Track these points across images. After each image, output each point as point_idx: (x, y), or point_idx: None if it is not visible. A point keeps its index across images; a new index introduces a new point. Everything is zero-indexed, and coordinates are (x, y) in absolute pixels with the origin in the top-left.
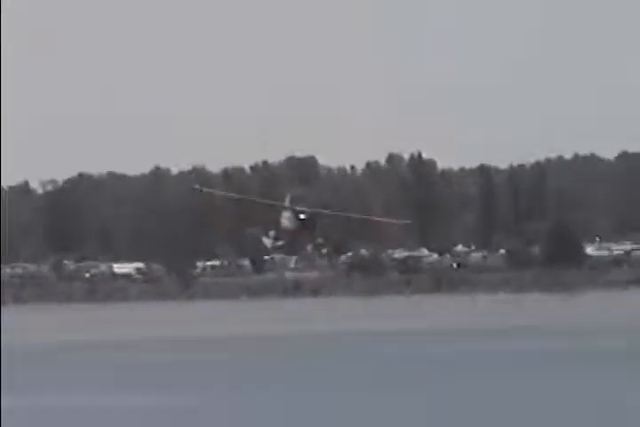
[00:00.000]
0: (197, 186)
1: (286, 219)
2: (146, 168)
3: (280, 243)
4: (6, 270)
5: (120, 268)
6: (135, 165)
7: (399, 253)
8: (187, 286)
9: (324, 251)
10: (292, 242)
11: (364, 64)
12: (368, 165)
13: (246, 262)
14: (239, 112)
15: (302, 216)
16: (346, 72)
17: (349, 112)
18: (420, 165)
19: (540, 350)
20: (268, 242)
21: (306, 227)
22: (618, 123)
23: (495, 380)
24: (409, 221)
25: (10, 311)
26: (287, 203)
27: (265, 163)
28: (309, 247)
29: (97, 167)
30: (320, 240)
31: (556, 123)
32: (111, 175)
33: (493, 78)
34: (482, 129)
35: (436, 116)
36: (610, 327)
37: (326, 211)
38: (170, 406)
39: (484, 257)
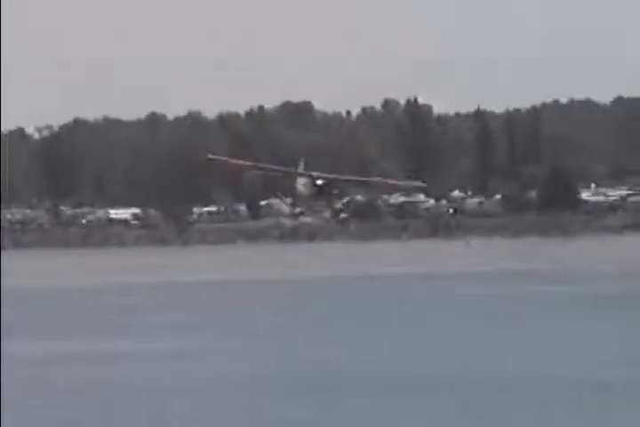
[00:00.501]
0: (210, 155)
1: (302, 185)
2: (142, 113)
3: (299, 210)
4: (6, 216)
5: (116, 213)
6: (131, 111)
7: (395, 199)
8: (183, 232)
9: (343, 216)
10: (310, 208)
11: (359, 9)
12: (364, 110)
13: (243, 208)
14: (235, 56)
15: (319, 182)
16: (339, 18)
17: (344, 57)
18: (415, 110)
19: (537, 293)
20: (286, 209)
21: (322, 193)
22: (613, 67)
23: (494, 323)
24: (423, 184)
25: (10, 256)
26: (301, 169)
27: (260, 108)
28: (328, 213)
29: (93, 113)
30: (339, 206)
31: (551, 67)
32: (107, 120)
33: (490, 22)
34: (478, 74)
35: (432, 61)
36: (606, 272)
37: (342, 177)
38: (167, 351)
39: (481, 202)
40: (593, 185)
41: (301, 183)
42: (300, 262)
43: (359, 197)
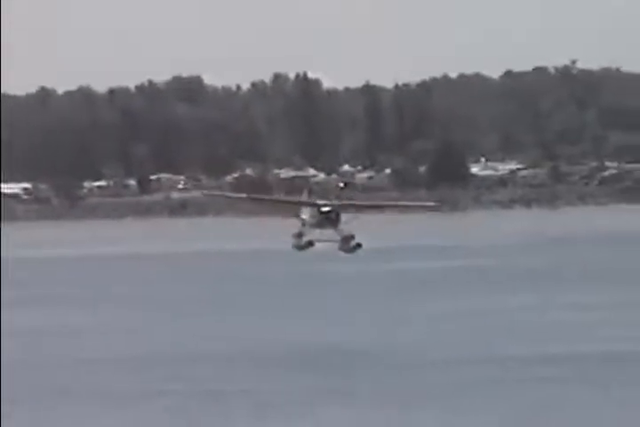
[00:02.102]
0: (205, 191)
1: (307, 215)
2: (31, 88)
3: (305, 241)
4: None
5: (7, 188)
6: (20, 85)
7: (286, 173)
8: (73, 207)
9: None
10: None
11: None
12: (254, 84)
13: (133, 183)
14: (125, 27)
15: (325, 209)
16: None
17: (234, 30)
18: (305, 84)
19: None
20: (294, 242)
21: (329, 219)
22: (502, 42)
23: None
24: (438, 204)
25: None
26: (305, 197)
27: (150, 82)
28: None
29: None
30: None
31: (440, 42)
32: None
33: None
34: (367, 48)
35: (322, 36)
36: (494, 245)
37: (350, 202)
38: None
39: (371, 177)
40: (483, 159)
41: (306, 213)
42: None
43: (249, 171)
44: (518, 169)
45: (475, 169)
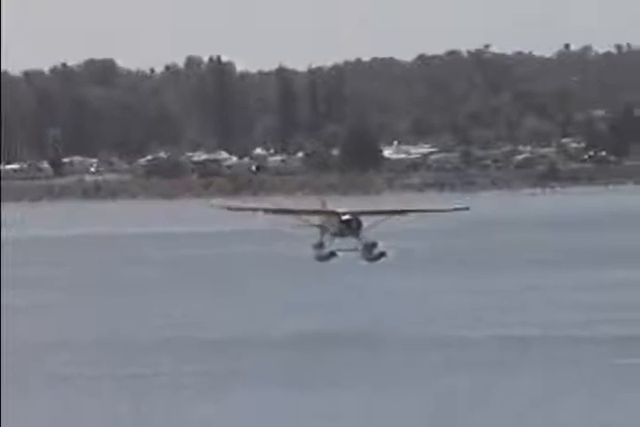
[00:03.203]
0: (214, 203)
1: (328, 224)
2: None
3: (327, 251)
4: None
5: None
6: None
7: (198, 156)
8: None
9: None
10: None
11: None
12: (167, 67)
13: (46, 165)
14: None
15: (345, 217)
16: None
17: (148, 14)
18: (218, 67)
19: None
20: (314, 254)
21: (350, 228)
22: (415, 25)
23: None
24: (467, 207)
25: None
26: (323, 206)
27: (64, 65)
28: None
29: None
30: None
31: (353, 25)
32: None
33: None
34: (280, 32)
35: (236, 19)
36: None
37: (368, 209)
38: None
39: (283, 160)
40: (395, 143)
41: (328, 222)
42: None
43: (162, 154)
44: (431, 153)
45: (387, 152)
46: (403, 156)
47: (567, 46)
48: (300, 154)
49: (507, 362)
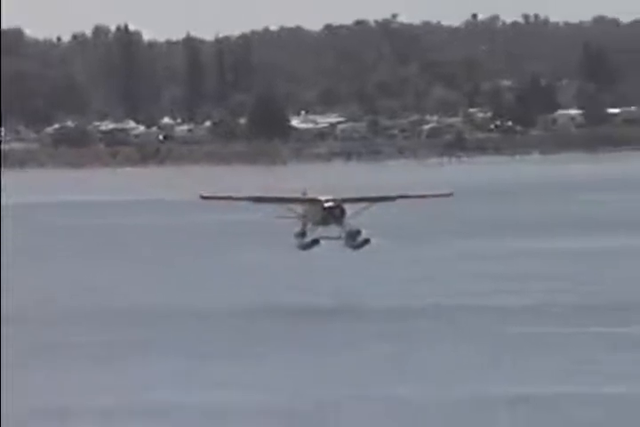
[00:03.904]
0: (204, 193)
1: (310, 212)
2: None
3: (310, 239)
4: None
5: None
6: None
7: (106, 126)
8: None
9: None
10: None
11: None
12: (74, 36)
13: None
14: None
15: (328, 204)
16: None
17: None
18: (126, 36)
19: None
20: (296, 242)
21: (334, 216)
22: None
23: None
24: (450, 193)
25: None
26: (305, 193)
27: None
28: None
29: None
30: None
31: None
32: None
33: None
34: (187, 1)
35: None
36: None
37: (351, 196)
38: None
39: (190, 129)
40: (303, 112)
41: (309, 211)
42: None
43: (69, 123)
44: (338, 122)
45: (295, 122)
46: (310, 125)
47: (475, 16)
48: (208, 123)
49: (407, 332)
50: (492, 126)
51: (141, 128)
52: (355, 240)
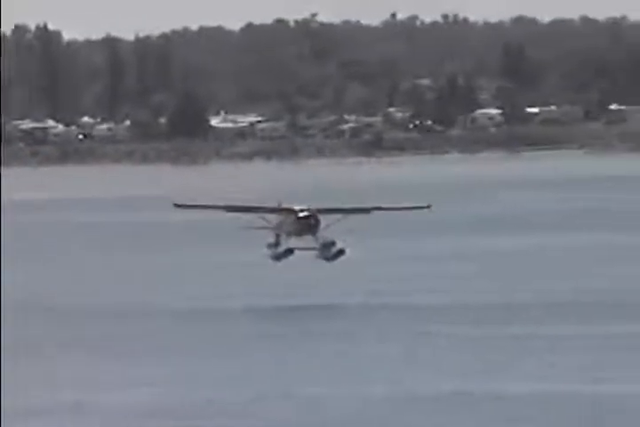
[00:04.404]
0: (176, 203)
1: (284, 222)
2: None
3: (283, 249)
4: None
5: None
6: None
7: (26, 125)
8: None
9: None
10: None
11: None
12: None
13: None
14: None
15: (303, 215)
16: None
17: None
18: (46, 35)
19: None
20: (269, 253)
21: (308, 226)
22: None
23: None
24: (428, 205)
25: None
26: (280, 204)
27: None
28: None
29: None
30: None
31: None
32: None
33: None
34: (107, 0)
35: None
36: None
37: (325, 207)
38: None
39: (110, 129)
40: (223, 112)
41: (284, 222)
42: None
43: None
44: (258, 122)
45: (215, 121)
46: (230, 124)
47: (394, 16)
48: (128, 122)
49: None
50: (412, 126)
51: (61, 127)
52: (329, 251)
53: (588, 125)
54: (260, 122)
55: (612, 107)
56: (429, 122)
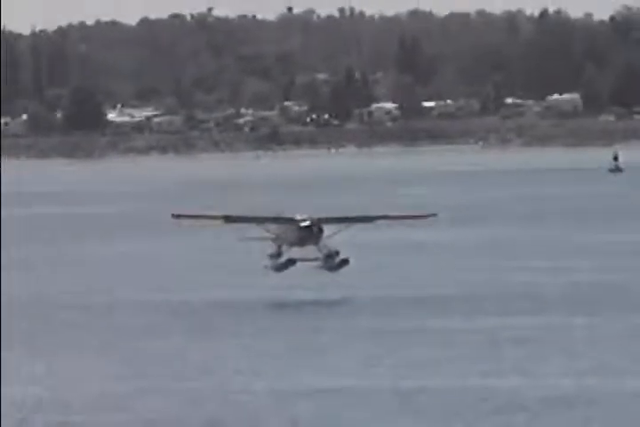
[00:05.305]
0: (176, 213)
1: (286, 232)
2: None
3: (285, 259)
4: None
5: None
6: None
7: None
8: None
9: None
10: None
11: None
12: None
13: None
14: None
15: (305, 224)
16: None
17: None
18: None
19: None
20: (270, 264)
21: (311, 236)
22: None
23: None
24: (434, 214)
25: None
26: (282, 213)
27: None
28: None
29: None
30: None
31: None
32: None
33: None
34: None
35: None
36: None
37: (328, 216)
38: None
39: (6, 123)
40: (119, 106)
41: (285, 231)
42: None
43: None
44: (154, 115)
45: (111, 115)
46: (126, 118)
47: (290, 9)
48: (24, 117)
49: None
50: (308, 120)
51: None
52: (332, 262)
53: (485, 120)
54: (156, 116)
55: (509, 101)
56: (326, 116)
